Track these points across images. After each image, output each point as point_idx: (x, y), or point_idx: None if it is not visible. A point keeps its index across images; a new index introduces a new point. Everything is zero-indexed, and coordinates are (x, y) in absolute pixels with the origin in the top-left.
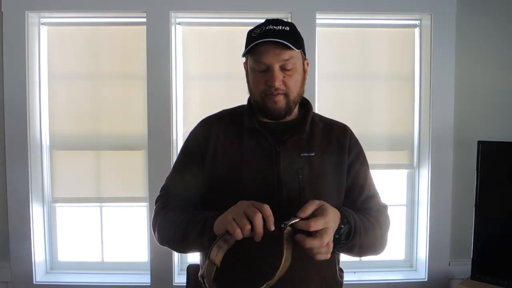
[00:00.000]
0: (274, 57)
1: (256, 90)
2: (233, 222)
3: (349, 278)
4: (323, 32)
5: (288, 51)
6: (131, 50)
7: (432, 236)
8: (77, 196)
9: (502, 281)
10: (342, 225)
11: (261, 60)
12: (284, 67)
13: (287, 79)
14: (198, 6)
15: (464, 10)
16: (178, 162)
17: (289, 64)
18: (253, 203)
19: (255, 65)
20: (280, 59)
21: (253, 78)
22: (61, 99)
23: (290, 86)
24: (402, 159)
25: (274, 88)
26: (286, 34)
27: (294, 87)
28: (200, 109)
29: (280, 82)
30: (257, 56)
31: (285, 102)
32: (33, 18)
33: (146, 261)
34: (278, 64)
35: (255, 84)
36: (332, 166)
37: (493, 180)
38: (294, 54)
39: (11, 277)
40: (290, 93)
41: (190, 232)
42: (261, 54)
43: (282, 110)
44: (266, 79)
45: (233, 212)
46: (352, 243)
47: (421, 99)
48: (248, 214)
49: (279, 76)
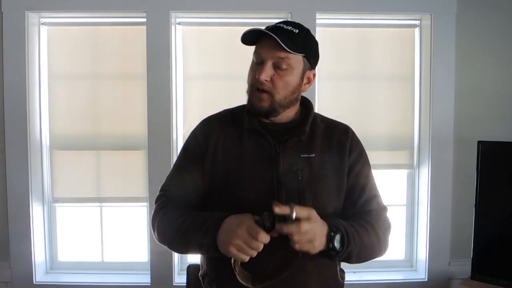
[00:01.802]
0: (269, 52)
1: (248, 80)
2: (239, 254)
3: (349, 278)
4: (323, 32)
5: (285, 51)
6: (131, 50)
7: (432, 236)
8: (77, 196)
9: (502, 281)
10: (332, 233)
11: (258, 51)
12: (278, 65)
13: (276, 78)
14: (198, 6)
15: (464, 10)
16: (179, 161)
17: (283, 63)
18: (249, 232)
19: (254, 56)
20: (274, 55)
21: (250, 69)
22: (61, 99)
23: (277, 86)
24: (402, 159)
25: (260, 82)
26: (288, 34)
27: (282, 89)
28: (200, 109)
29: (267, 77)
30: (257, 48)
31: (269, 103)
32: (33, 18)
33: (146, 261)
34: (272, 60)
35: (249, 74)
36: (332, 168)
37: (493, 180)
38: (291, 56)
39: (11, 277)
40: (275, 94)
41: (189, 233)
42: (261, 47)
43: (264, 108)
44: (257, 72)
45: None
46: (349, 250)
47: (421, 99)
48: (249, 244)
49: (267, 71)
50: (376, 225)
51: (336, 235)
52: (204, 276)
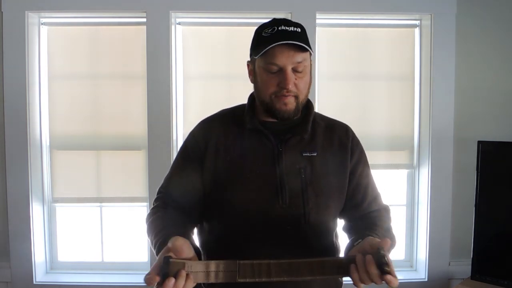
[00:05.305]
0: (288, 59)
1: (266, 91)
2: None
3: (349, 278)
4: (323, 32)
5: (301, 54)
6: (131, 50)
7: (432, 236)
8: (77, 196)
9: (502, 281)
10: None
11: (274, 61)
12: (296, 69)
13: (298, 81)
14: (198, 6)
15: (464, 10)
16: (176, 163)
17: (300, 66)
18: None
19: (267, 66)
20: (293, 61)
21: (263, 79)
22: (61, 99)
23: (300, 88)
24: (402, 159)
25: (287, 90)
26: (299, 35)
27: (304, 89)
28: (200, 109)
29: (293, 84)
30: (269, 57)
31: (295, 104)
32: (33, 18)
33: (146, 261)
34: (291, 66)
35: (266, 85)
36: (334, 166)
37: (493, 180)
38: (306, 57)
39: (11, 277)
40: (300, 95)
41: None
42: (274, 55)
43: (291, 112)
44: (278, 81)
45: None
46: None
47: (421, 99)
48: None
49: (292, 79)
50: (390, 227)
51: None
52: None
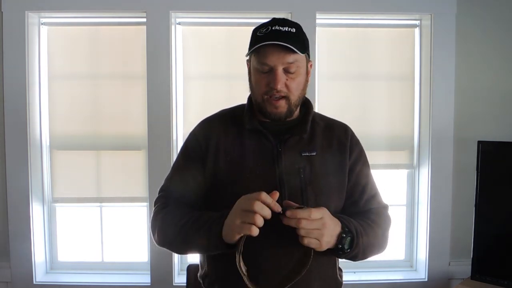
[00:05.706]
0: (278, 59)
1: (258, 91)
2: (244, 225)
3: (349, 278)
4: (323, 32)
5: (293, 55)
6: (131, 50)
7: (432, 236)
8: (77, 196)
9: (502, 281)
10: (343, 234)
11: (265, 61)
12: (287, 69)
13: (289, 82)
14: (198, 6)
15: (464, 10)
16: (177, 163)
17: (292, 67)
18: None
19: (259, 65)
20: (284, 61)
21: (256, 79)
22: (61, 99)
23: (292, 89)
24: (402, 159)
25: (276, 90)
26: (292, 36)
27: (296, 90)
28: (200, 109)
29: (282, 84)
30: (261, 57)
31: (286, 106)
32: (33, 18)
33: (146, 261)
34: (281, 66)
35: (257, 84)
36: (333, 166)
37: (493, 180)
38: (298, 57)
39: (11, 277)
40: (291, 96)
41: (192, 234)
42: (266, 55)
43: (282, 114)
44: (269, 81)
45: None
46: (356, 251)
47: (421, 99)
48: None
49: (281, 79)
50: (380, 223)
51: (348, 237)
52: (204, 277)
